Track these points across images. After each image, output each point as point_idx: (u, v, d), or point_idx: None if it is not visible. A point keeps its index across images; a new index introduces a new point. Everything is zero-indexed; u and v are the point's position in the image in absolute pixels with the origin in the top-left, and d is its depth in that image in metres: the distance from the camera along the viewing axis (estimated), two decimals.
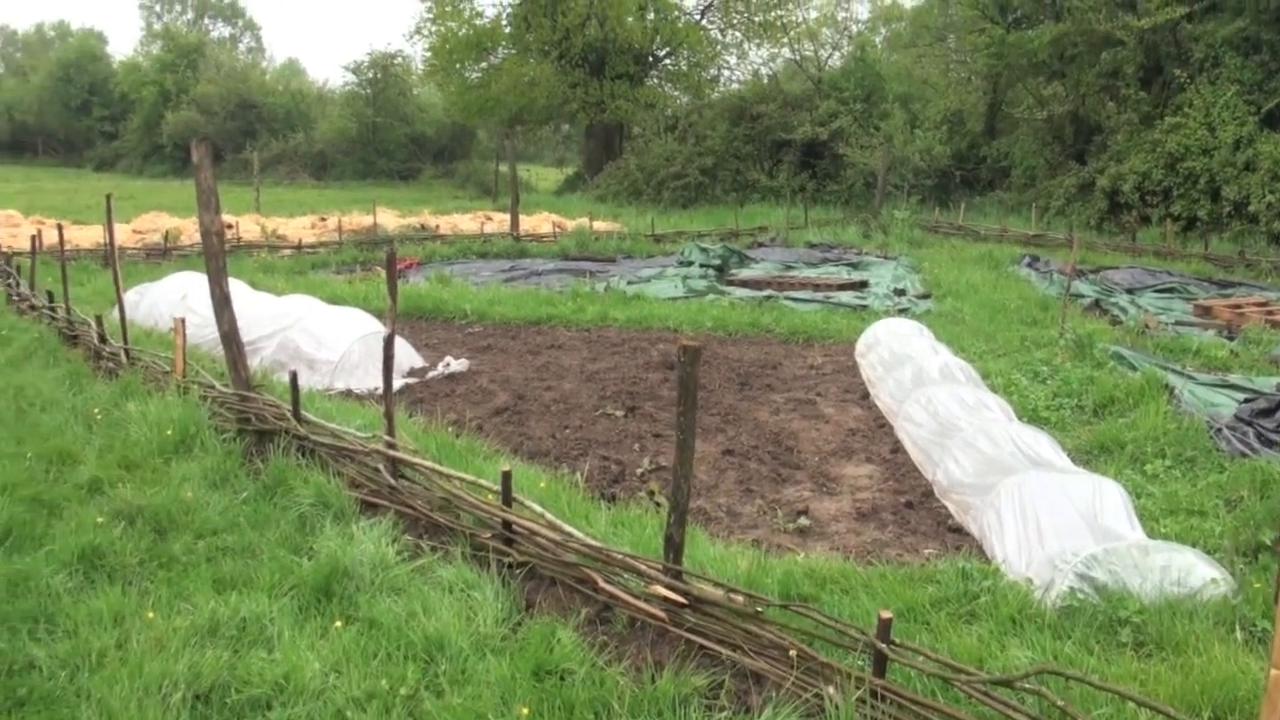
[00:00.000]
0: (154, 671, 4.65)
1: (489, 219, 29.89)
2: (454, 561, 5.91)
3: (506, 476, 5.98)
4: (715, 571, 5.62)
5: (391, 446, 6.97)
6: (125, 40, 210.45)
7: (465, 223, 29.12)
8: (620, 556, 5.42)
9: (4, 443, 7.89)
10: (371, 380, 10.99)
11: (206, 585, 5.63)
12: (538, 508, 6.01)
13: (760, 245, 26.15)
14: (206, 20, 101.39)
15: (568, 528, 5.78)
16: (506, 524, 5.98)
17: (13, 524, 6.28)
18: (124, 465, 7.47)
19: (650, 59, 48.31)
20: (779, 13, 45.93)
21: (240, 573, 5.81)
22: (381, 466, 7.01)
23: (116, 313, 10.68)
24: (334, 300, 13.93)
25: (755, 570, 5.82)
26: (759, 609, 4.86)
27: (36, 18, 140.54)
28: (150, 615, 5.22)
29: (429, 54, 48.45)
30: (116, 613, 5.27)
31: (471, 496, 6.28)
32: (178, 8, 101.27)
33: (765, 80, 45.90)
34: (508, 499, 5.99)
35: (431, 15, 47.30)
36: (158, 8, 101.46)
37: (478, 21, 46.89)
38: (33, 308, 13.46)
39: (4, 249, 19.04)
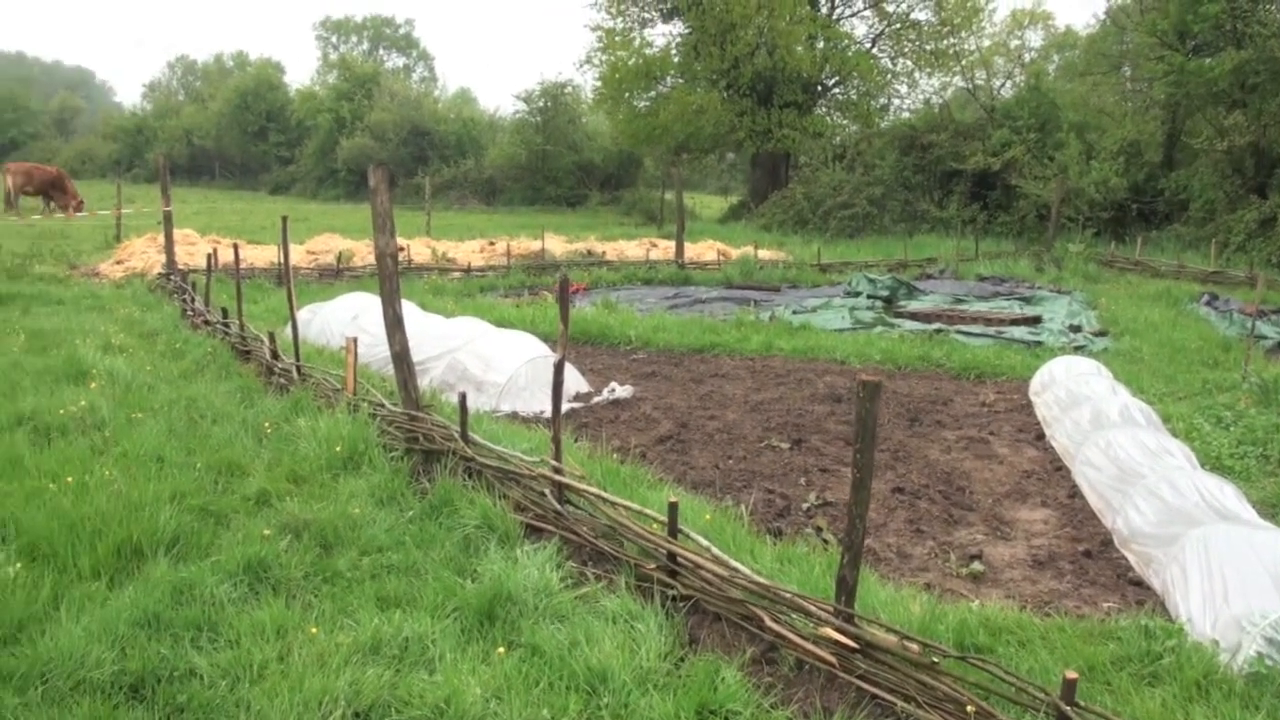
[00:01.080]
0: (314, 687, 4.68)
1: (654, 245, 30.09)
2: (618, 591, 5.83)
3: (673, 508, 5.88)
4: (887, 616, 5.43)
5: (558, 471, 6.96)
6: (302, 70, 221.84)
7: (631, 249, 29.37)
8: (788, 595, 5.26)
9: (175, 452, 8.17)
10: (537, 403, 11.11)
11: (370, 602, 5.68)
12: (703, 541, 5.89)
13: (929, 277, 25.74)
14: (381, 51, 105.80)
15: (734, 563, 5.64)
16: (671, 556, 5.88)
17: (181, 532, 6.47)
18: (292, 479, 7.65)
19: (819, 88, 48.16)
20: (951, 41, 45.36)
21: (404, 592, 5.85)
22: (547, 491, 7.00)
23: (289, 330, 11.02)
24: (501, 323, 14.17)
25: (928, 616, 5.60)
26: (934, 659, 4.64)
27: (216, 48, 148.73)
28: (313, 630, 5.28)
29: (598, 83, 49.44)
30: (279, 625, 5.35)
31: (636, 525, 6.21)
32: (354, 39, 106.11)
33: (936, 109, 45.12)
34: (673, 530, 5.88)
35: (602, 45, 48.26)
36: (334, 39, 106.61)
37: (647, 51, 47.61)
38: (206, 323, 14.02)
39: (181, 267, 19.94)
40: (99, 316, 15.12)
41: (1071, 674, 4.21)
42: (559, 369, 7.03)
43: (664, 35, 48.40)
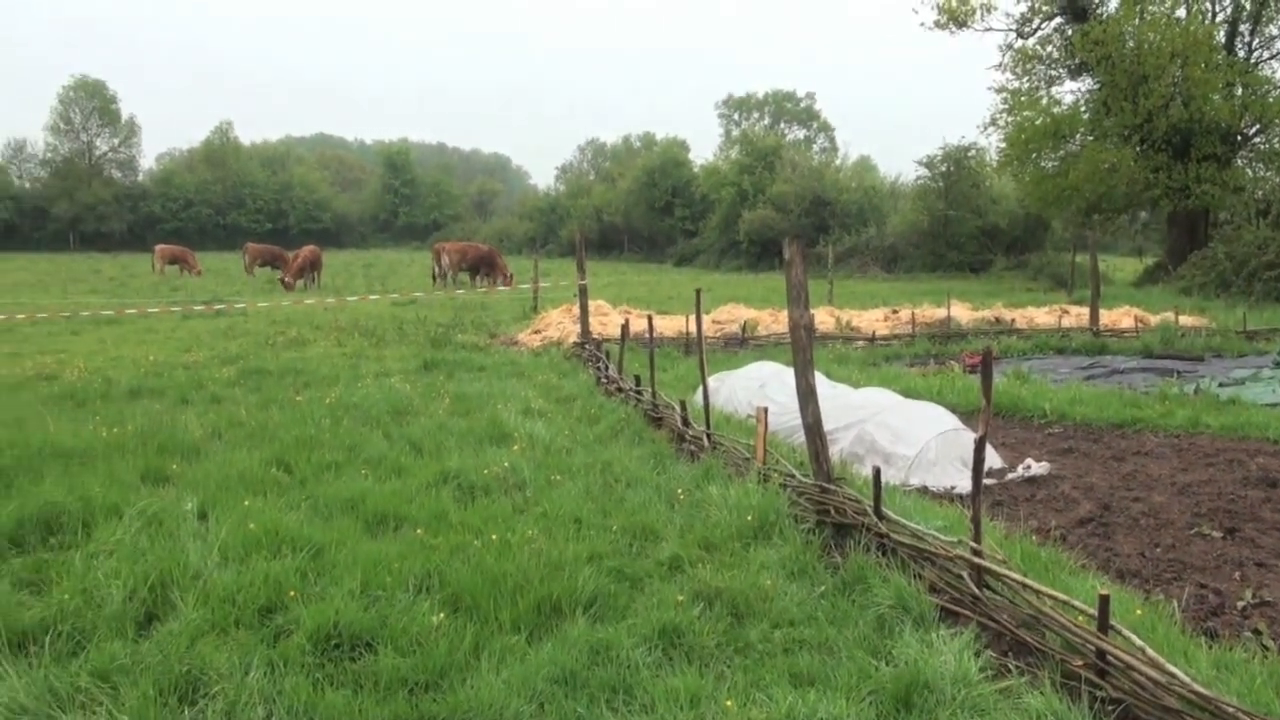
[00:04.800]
0: None
1: (1065, 312, 28.72)
2: (1041, 688, 5.44)
3: (1104, 601, 5.44)
4: None
5: (977, 554, 6.64)
6: (705, 146, 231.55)
7: (1040, 316, 28.22)
8: (1232, 710, 4.69)
9: (592, 515, 8.53)
10: (947, 478, 10.78)
11: (783, 678, 5.62)
12: (1136, 639, 5.39)
13: None
14: (782, 124, 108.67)
15: (1170, 667, 5.11)
16: (1100, 653, 5.42)
17: (598, 593, 6.70)
18: (704, 546, 7.77)
19: (1239, 138, 44.83)
20: None
21: (817, 669, 5.74)
22: (965, 574, 6.69)
23: (699, 397, 11.32)
24: (908, 393, 13.92)
25: None
26: None
27: (623, 131, 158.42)
28: (728, 703, 5.27)
29: (1003, 145, 48.35)
30: (693, 694, 5.37)
31: (1060, 616, 5.79)
32: (755, 114, 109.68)
33: None
34: (1104, 625, 5.43)
35: (1007, 106, 47.22)
36: (736, 116, 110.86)
37: (1055, 110, 46.11)
38: (620, 390, 14.68)
39: (595, 336, 21.06)
40: (518, 382, 16.21)
41: None
42: (980, 447, 6.73)
43: (1072, 92, 46.71)
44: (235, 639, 5.96)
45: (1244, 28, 45.56)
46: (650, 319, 14.86)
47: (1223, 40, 44.50)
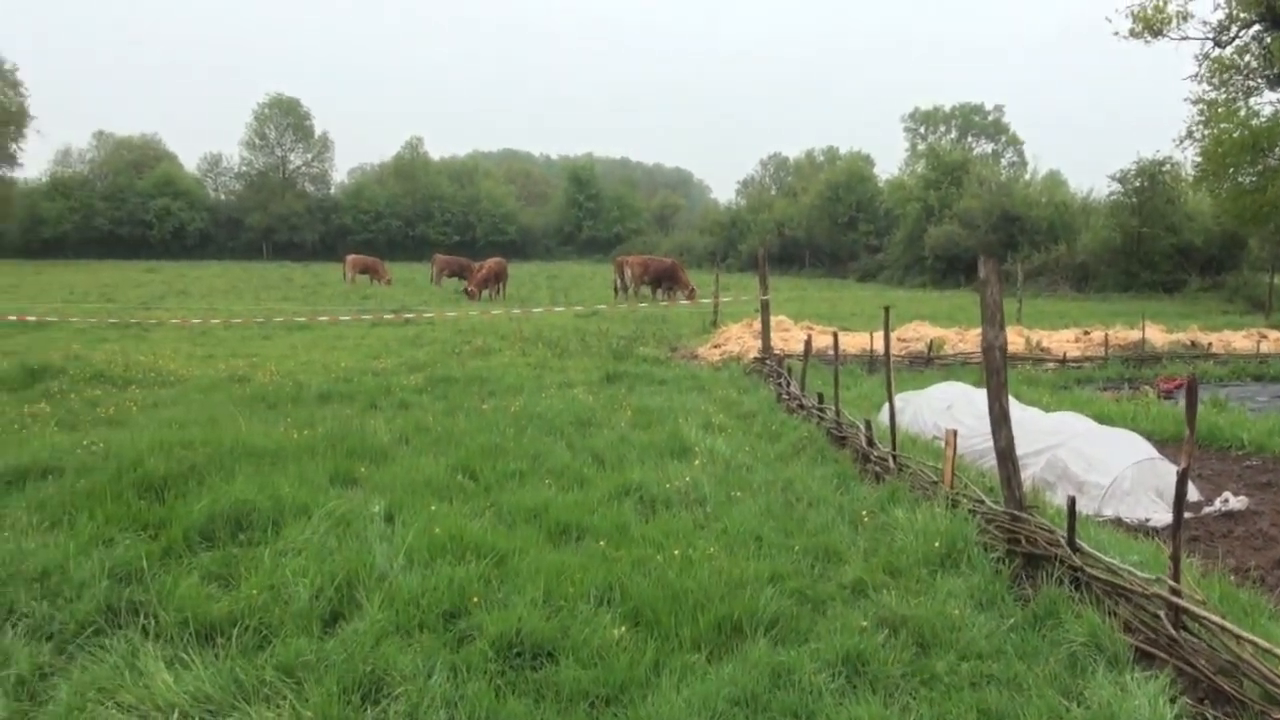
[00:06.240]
0: None
1: (1263, 337, 27.29)
2: None
3: None
4: None
5: (1175, 592, 6.29)
6: (890, 160, 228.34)
7: (1237, 340, 26.89)
8: None
9: (773, 533, 8.44)
10: (1142, 510, 10.40)
11: (970, 712, 5.45)
12: None
13: None
14: (969, 138, 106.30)
15: None
16: None
17: (780, 615, 6.61)
18: (888, 571, 7.59)
19: None
20: None
21: (1006, 706, 5.53)
22: (1162, 613, 6.35)
23: (883, 416, 11.10)
24: (1100, 419, 13.42)
25: None
26: None
27: (806, 145, 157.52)
28: None
29: (1199, 159, 46.09)
30: None
31: (1261, 665, 5.46)
32: (941, 128, 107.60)
33: None
34: None
35: (1204, 119, 44.99)
36: (922, 129, 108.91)
37: (1254, 122, 43.67)
38: (801, 407, 14.52)
39: (776, 352, 20.91)
40: (698, 397, 16.21)
41: None
42: (1182, 480, 6.38)
43: (1271, 104, 43.96)
44: (419, 641, 6.08)
45: None
46: (835, 335, 14.65)
47: None
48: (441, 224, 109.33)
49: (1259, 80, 45.16)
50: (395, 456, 10.97)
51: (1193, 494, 11.07)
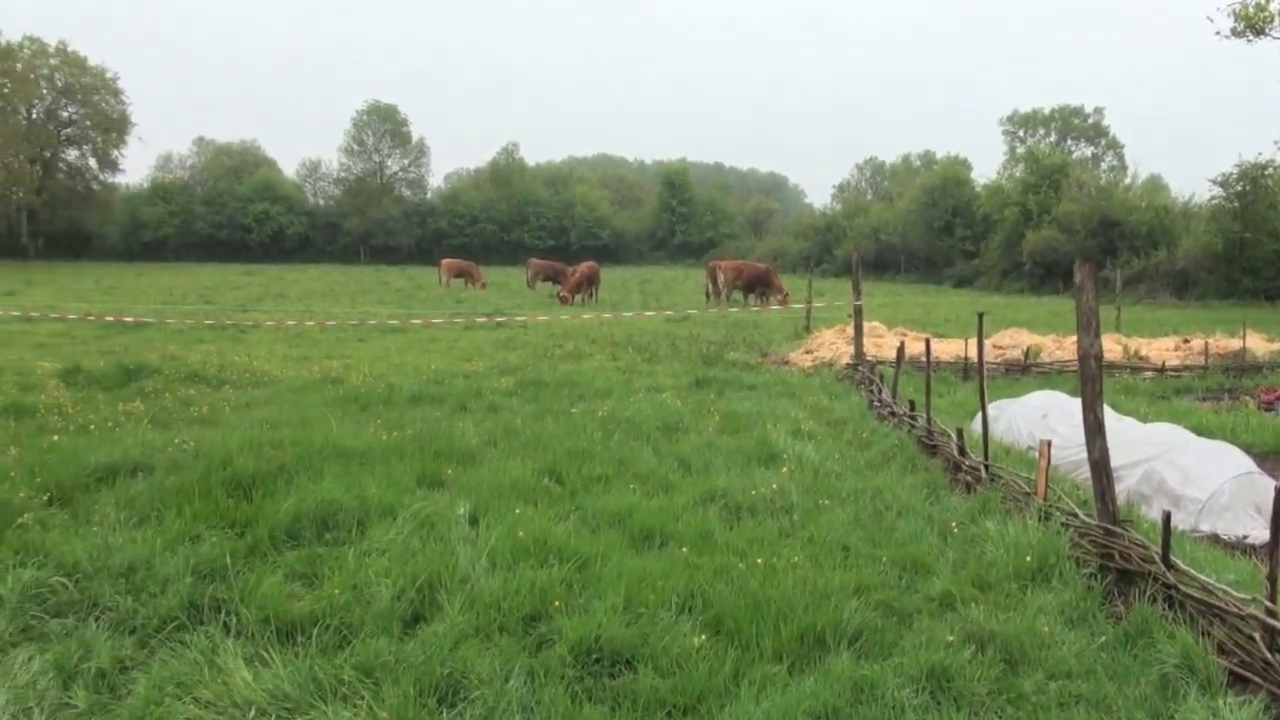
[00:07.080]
0: None
1: None
2: None
3: None
4: None
5: (1272, 614, 6.04)
6: (987, 164, 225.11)
7: None
8: None
9: (860, 543, 8.31)
10: (1240, 526, 10.07)
11: None
12: None
13: None
14: (1069, 142, 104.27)
15: None
16: None
17: (864, 628, 6.49)
18: (977, 584, 7.44)
19: None
20: None
21: None
22: (1258, 635, 6.10)
23: (976, 425, 10.89)
24: (1199, 430, 13.05)
25: None
26: None
27: (903, 149, 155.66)
28: None
29: None
30: None
31: None
32: (1040, 131, 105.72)
33: None
34: None
35: None
36: (1020, 133, 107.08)
37: None
38: (893, 414, 14.31)
39: (869, 358, 20.66)
40: (788, 403, 16.05)
41: None
42: None
43: None
44: (498, 645, 6.08)
45: None
46: (927, 342, 14.42)
47: None
48: (536, 228, 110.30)
49: None
50: (483, 459, 11.03)
51: None
